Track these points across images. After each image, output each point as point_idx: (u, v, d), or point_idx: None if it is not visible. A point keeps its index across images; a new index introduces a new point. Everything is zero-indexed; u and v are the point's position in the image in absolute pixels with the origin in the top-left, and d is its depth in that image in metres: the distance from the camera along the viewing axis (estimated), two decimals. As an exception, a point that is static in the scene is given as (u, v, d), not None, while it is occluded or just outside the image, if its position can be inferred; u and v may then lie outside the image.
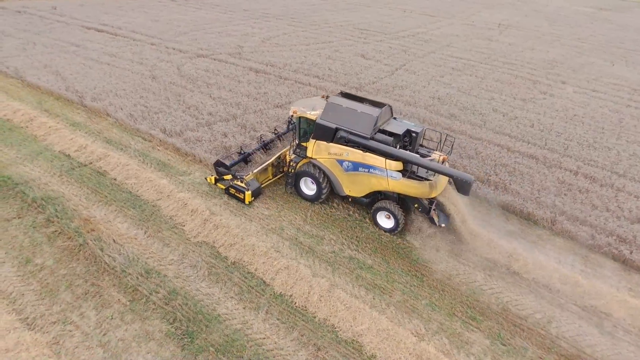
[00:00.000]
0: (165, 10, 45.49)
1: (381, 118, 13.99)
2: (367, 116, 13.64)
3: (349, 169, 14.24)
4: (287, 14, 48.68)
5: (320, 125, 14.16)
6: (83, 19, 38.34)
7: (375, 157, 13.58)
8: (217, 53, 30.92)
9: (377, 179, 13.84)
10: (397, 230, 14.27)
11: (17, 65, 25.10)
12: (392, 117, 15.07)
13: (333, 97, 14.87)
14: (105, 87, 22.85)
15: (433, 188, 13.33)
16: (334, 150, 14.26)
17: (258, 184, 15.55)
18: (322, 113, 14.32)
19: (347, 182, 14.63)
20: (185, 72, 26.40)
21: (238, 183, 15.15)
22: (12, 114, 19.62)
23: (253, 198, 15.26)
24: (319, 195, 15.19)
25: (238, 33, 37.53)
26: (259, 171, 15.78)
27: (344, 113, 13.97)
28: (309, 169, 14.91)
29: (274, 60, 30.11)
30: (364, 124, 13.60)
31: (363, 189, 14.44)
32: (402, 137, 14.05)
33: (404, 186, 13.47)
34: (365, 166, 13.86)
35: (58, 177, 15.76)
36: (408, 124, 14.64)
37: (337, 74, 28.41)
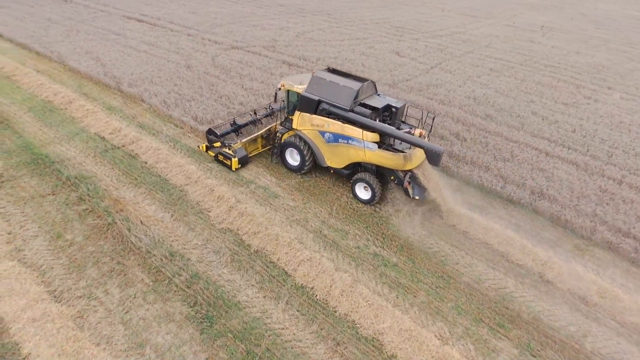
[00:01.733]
0: (204, 3, 46.25)
1: (363, 92, 14.62)
2: (348, 89, 14.28)
3: (330, 140, 14.88)
4: (322, 10, 48.52)
5: (304, 98, 14.88)
6: (125, 9, 39.47)
7: (353, 129, 14.16)
8: (252, 46, 31.09)
9: (355, 150, 14.43)
10: (373, 202, 14.88)
11: (61, 51, 26.04)
12: (376, 93, 15.59)
13: (318, 71, 15.49)
14: (141, 74, 23.35)
15: (408, 160, 13.81)
16: (316, 122, 14.87)
17: (245, 152, 16.24)
18: (307, 86, 15.00)
19: (328, 153, 15.28)
20: (220, 62, 26.66)
21: (226, 150, 16.01)
22: (53, 96, 20.32)
23: (240, 165, 16.00)
24: (302, 166, 15.87)
25: (273, 27, 37.66)
26: (247, 141, 16.62)
27: (326, 86, 14.62)
28: (294, 140, 15.55)
29: (307, 54, 29.98)
30: (344, 97, 14.26)
31: (343, 160, 15.06)
32: (381, 112, 14.56)
33: (380, 157, 14.07)
34: (344, 137, 14.47)
35: (92, 157, 16.16)
36: (390, 100, 15.17)
37: (370, 69, 27.97)
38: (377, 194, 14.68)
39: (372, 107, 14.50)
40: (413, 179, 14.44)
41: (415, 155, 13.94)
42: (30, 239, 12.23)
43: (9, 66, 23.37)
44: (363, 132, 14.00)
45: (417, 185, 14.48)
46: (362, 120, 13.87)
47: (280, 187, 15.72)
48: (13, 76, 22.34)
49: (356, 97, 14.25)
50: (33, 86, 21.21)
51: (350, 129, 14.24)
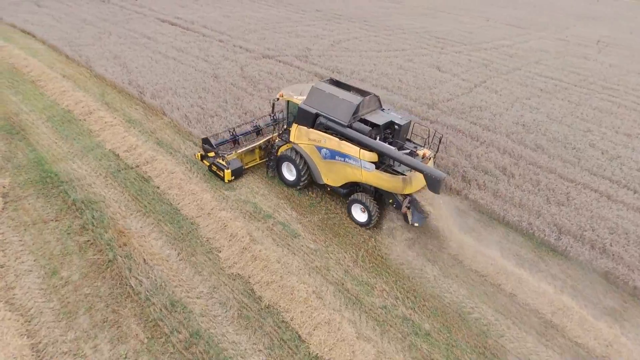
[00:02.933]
0: (239, 6, 45.43)
1: (364, 107, 13.72)
2: (347, 104, 13.41)
3: (326, 156, 14.05)
4: (360, 17, 46.70)
5: (302, 110, 14.07)
6: (160, 11, 39.08)
7: (350, 146, 13.29)
8: (284, 55, 29.70)
9: (352, 168, 13.56)
10: (370, 225, 13.90)
11: (90, 55, 25.49)
12: (380, 107, 14.53)
13: (319, 82, 14.69)
14: (166, 83, 22.34)
15: (407, 184, 12.89)
16: (313, 136, 14.07)
17: (240, 164, 15.63)
18: (306, 98, 14.18)
19: (325, 170, 14.44)
20: (248, 73, 25.37)
21: (220, 161, 15.32)
22: (74, 104, 19.55)
23: (233, 177, 15.35)
24: (298, 181, 15.09)
25: (307, 34, 36.19)
26: (244, 152, 16.00)
27: (325, 99, 13.80)
28: (290, 153, 14.76)
29: (341, 66, 28.28)
30: (343, 112, 13.38)
31: (339, 179, 14.22)
32: (382, 129, 13.56)
33: (377, 178, 13.15)
34: (341, 155, 13.61)
35: (103, 178, 15.09)
36: (394, 115, 14.09)
37: (408, 87, 25.97)
38: (374, 218, 13.71)
39: (373, 124, 13.48)
40: (413, 203, 13.40)
41: (417, 178, 12.93)
42: (23, 274, 11.13)
43: (37, 70, 22.93)
44: (360, 151, 13.02)
45: (417, 211, 13.39)
46: (359, 138, 12.93)
47: (301, 223, 14.10)
48: (38, 81, 21.82)
49: (356, 113, 13.38)
50: (56, 93, 20.56)
51: (347, 146, 13.33)
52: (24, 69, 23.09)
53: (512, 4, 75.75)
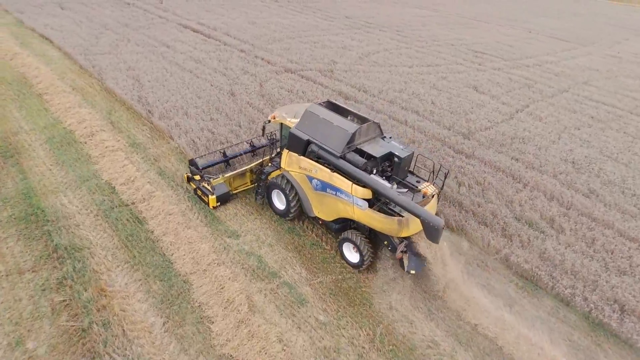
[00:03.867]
0: (266, 12, 43.79)
1: (360, 136, 12.50)
2: (342, 131, 12.22)
3: (317, 188, 12.91)
4: (391, 26, 44.23)
5: (293, 135, 13.01)
6: (183, 15, 37.83)
7: (342, 180, 12.15)
8: (307, 69, 27.72)
9: (343, 204, 12.36)
10: (362, 268, 12.59)
11: (103, 65, 24.25)
12: (381, 135, 13.25)
13: (313, 105, 13.46)
14: (177, 101, 20.74)
15: (403, 226, 11.54)
16: (304, 165, 12.97)
17: (227, 189, 14.59)
18: (298, 122, 13.10)
19: (316, 202, 13.28)
20: (267, 90, 23.53)
21: (205, 185, 14.38)
22: (77, 124, 18.19)
23: (219, 203, 14.36)
24: (287, 211, 13.91)
25: (334, 45, 34.09)
26: (233, 175, 14.97)
27: (319, 125, 12.67)
28: (280, 181, 13.65)
29: (369, 84, 26.07)
30: (336, 140, 12.24)
31: (331, 213, 13.00)
32: (380, 161, 12.29)
33: (370, 218, 11.93)
34: (332, 188, 12.45)
35: (94, 217, 13.51)
36: (395, 146, 12.75)
37: (441, 111, 23.51)
38: (367, 259, 12.38)
39: (369, 155, 12.20)
40: (410, 247, 12.04)
41: (414, 220, 11.40)
42: (-17, 343, 9.59)
43: (46, 81, 21.81)
44: (352, 186, 11.87)
45: (415, 257, 11.99)
46: (352, 171, 11.78)
47: (310, 286, 12.08)
48: (45, 94, 20.65)
49: (351, 142, 12.20)
50: (61, 109, 19.29)
51: (339, 179, 12.19)
52: (33, 79, 22.02)
53: (556, 14, 71.26)
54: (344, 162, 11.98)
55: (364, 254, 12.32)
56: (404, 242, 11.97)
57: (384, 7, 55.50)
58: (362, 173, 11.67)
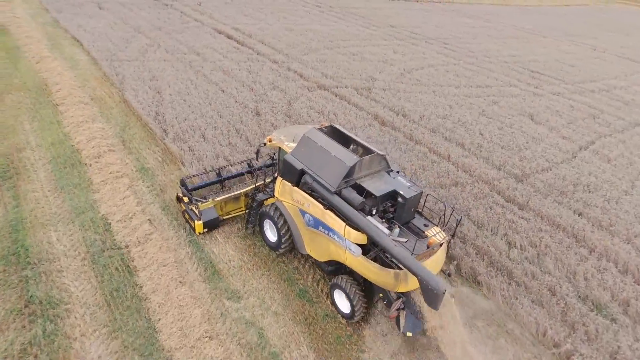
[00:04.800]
0: (306, 18, 41.81)
1: (361, 169, 11.10)
2: (339, 164, 10.89)
3: (310, 224, 11.63)
4: (439, 37, 41.06)
5: (287, 163, 11.74)
6: (220, 19, 36.49)
7: (335, 219, 10.81)
8: (342, 85, 25.42)
9: (335, 246, 11.03)
10: (353, 320, 11.13)
11: (127, 73, 23.01)
12: (387, 169, 11.68)
13: (313, 130, 12.12)
14: (196, 120, 19.04)
15: (400, 281, 10.05)
16: (297, 197, 11.70)
17: (215, 214, 13.32)
18: (294, 148, 11.86)
19: (308, 239, 11.98)
20: (296, 110, 21.44)
21: (193, 208, 13.22)
22: (86, 142, 16.82)
23: (206, 229, 13.16)
24: (278, 245, 12.53)
25: (375, 58, 31.56)
26: (225, 199, 13.65)
27: (315, 153, 11.39)
28: (272, 211, 12.34)
29: (409, 107, 23.43)
30: (333, 173, 10.91)
31: (323, 253, 11.68)
32: (380, 200, 10.75)
33: (363, 267, 10.50)
34: (325, 226, 11.13)
35: (80, 261, 11.87)
36: (401, 183, 11.17)
37: (491, 144, 20.56)
38: (358, 311, 10.91)
39: (369, 193, 10.67)
40: (408, 305, 10.55)
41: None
42: None
43: (66, 89, 20.77)
44: (346, 227, 10.47)
45: (413, 315, 10.44)
46: (345, 211, 10.33)
47: (317, 378, 9.87)
48: (62, 104, 19.54)
49: (348, 176, 10.79)
50: (73, 123, 18.04)
51: (332, 218, 10.82)
52: (53, 86, 21.03)
53: (626, 29, 64.93)
54: (339, 200, 10.53)
55: (355, 304, 10.79)
56: (402, 299, 10.47)
57: (432, 16, 52.18)
58: (357, 214, 10.19)
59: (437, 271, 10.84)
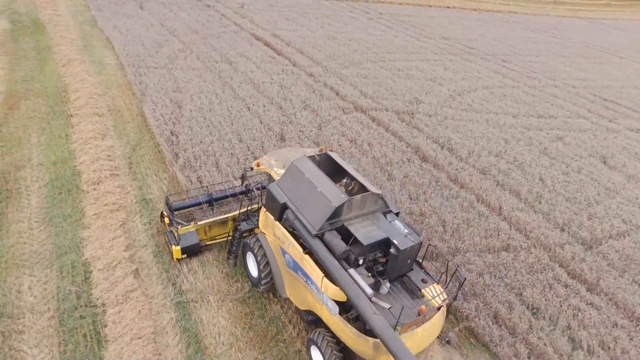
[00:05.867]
0: (352, 25, 39.23)
1: (350, 210, 9.44)
2: (324, 202, 9.32)
3: (289, 265, 10.41)
4: (497, 53, 37.14)
5: (270, 193, 10.45)
6: (261, 23, 34.71)
7: (313, 267, 9.31)
8: (382, 108, 22.71)
9: (313, 298, 9.61)
10: None
11: (150, 83, 21.55)
12: (385, 209, 10.01)
13: (303, 158, 10.63)
14: (212, 144, 17.11)
15: (381, 353, 8.36)
16: (278, 233, 10.49)
17: (196, 240, 12.17)
18: (280, 177, 10.70)
19: (288, 282, 10.73)
20: (325, 137, 19.03)
21: (173, 231, 12.16)
22: (90, 163, 15.30)
23: (184, 256, 12.02)
24: (258, 282, 11.26)
25: (422, 75, 28.51)
26: (210, 223, 12.38)
27: (301, 186, 9.98)
28: (253, 243, 11.20)
29: (457, 139, 20.37)
30: (316, 212, 9.37)
31: (302, 301, 10.29)
32: (368, 250, 9.08)
33: (339, 328, 8.95)
34: (303, 273, 9.71)
35: (47, 320, 10.15)
36: (397, 229, 9.44)
37: (553, 195, 17.18)
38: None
39: (355, 240, 9.19)
40: None
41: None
42: None
43: (84, 97, 19.54)
44: (323, 279, 9.11)
45: None
46: (323, 259, 8.92)
47: None
48: (76, 115, 18.28)
49: (334, 217, 9.37)
50: (82, 139, 16.65)
51: (310, 265, 9.54)
52: (72, 94, 19.88)
53: None
54: (319, 245, 9.13)
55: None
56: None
57: (490, 28, 47.89)
58: (336, 265, 8.74)
59: (431, 340, 9.42)
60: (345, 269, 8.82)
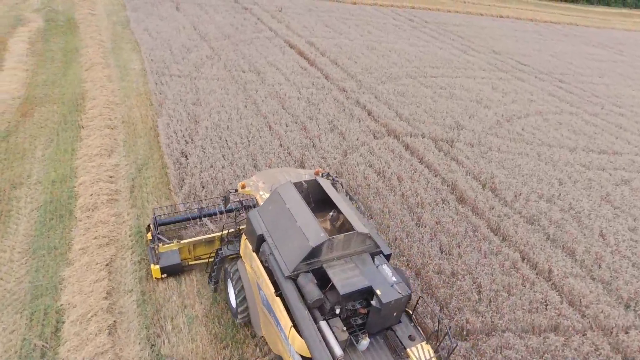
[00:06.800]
0: (394, 34, 36.86)
1: (331, 250, 8.23)
2: (302, 240, 8.16)
3: (264, 303, 9.22)
4: (554, 72, 33.58)
5: (249, 221, 9.28)
6: (297, 29, 33.08)
7: (282, 313, 8.25)
8: (419, 133, 20.38)
9: (282, 344, 8.55)
10: None
11: (170, 94, 20.33)
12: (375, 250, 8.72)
13: (288, 185, 9.36)
14: (222, 170, 15.46)
15: None
16: (254, 266, 9.27)
17: (177, 260, 11.37)
18: (262, 205, 9.54)
19: (263, 320, 9.52)
20: (350, 167, 17.02)
21: (155, 247, 11.36)
22: (89, 185, 13.99)
23: (164, 275, 11.31)
24: (236, 313, 10.20)
25: (467, 95, 25.83)
26: (195, 242, 11.82)
27: (281, 217, 8.78)
28: (232, 271, 10.18)
29: (502, 177, 17.75)
30: (292, 250, 8.26)
31: (274, 345, 9.18)
32: (345, 300, 7.92)
33: None
34: (274, 316, 8.62)
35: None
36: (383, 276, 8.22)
37: (616, 257, 14.32)
38: None
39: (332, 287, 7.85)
40: None
41: None
42: None
43: (100, 106, 18.56)
44: (291, 329, 7.80)
45: None
46: (292, 306, 7.76)
47: None
48: (87, 126, 17.26)
49: (311, 257, 7.99)
50: (87, 155, 15.54)
51: (279, 309, 8.25)
52: (89, 102, 18.99)
53: None
54: (290, 288, 8.06)
55: None
56: None
57: (547, 42, 43.89)
58: (304, 315, 7.64)
59: None
60: (317, 320, 7.72)
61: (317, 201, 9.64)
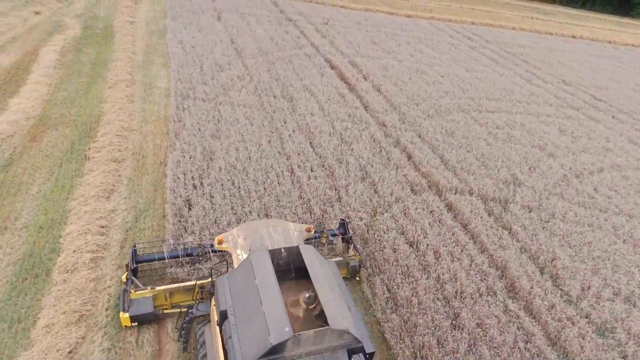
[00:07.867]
0: (448, 54, 33.39)
1: (298, 346, 6.90)
2: (263, 333, 6.84)
3: None
4: (636, 111, 28.79)
5: (216, 288, 8.11)
6: (341, 46, 30.59)
7: None
8: (466, 189, 17.28)
9: None
10: None
11: (189, 122, 18.53)
12: (355, 347, 7.24)
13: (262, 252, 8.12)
14: (228, 228, 13.38)
15: None
16: (216, 341, 8.17)
17: (150, 308, 10.31)
18: (232, 271, 8.33)
19: None
20: (377, 232, 14.33)
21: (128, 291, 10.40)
22: (75, 237, 12.34)
23: (135, 323, 10.29)
24: None
25: (528, 139, 22.19)
26: (172, 290, 10.64)
27: (249, 293, 7.54)
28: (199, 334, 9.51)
29: (566, 259, 14.34)
30: (252, 340, 6.96)
31: None
32: None
33: None
34: None
35: None
36: None
37: None
38: None
39: None
40: None
41: None
42: None
43: (113, 132, 17.15)
44: None
45: None
46: None
47: None
48: (93, 158, 15.81)
49: (274, 354, 6.69)
50: (83, 196, 13.95)
51: None
52: (103, 127, 17.64)
53: None
54: None
55: None
56: None
57: (628, 72, 38.37)
58: None
59: None
60: None
61: (299, 269, 8.35)
